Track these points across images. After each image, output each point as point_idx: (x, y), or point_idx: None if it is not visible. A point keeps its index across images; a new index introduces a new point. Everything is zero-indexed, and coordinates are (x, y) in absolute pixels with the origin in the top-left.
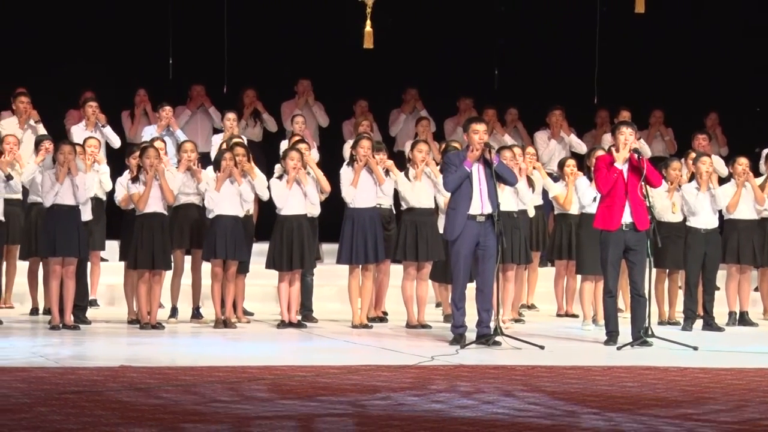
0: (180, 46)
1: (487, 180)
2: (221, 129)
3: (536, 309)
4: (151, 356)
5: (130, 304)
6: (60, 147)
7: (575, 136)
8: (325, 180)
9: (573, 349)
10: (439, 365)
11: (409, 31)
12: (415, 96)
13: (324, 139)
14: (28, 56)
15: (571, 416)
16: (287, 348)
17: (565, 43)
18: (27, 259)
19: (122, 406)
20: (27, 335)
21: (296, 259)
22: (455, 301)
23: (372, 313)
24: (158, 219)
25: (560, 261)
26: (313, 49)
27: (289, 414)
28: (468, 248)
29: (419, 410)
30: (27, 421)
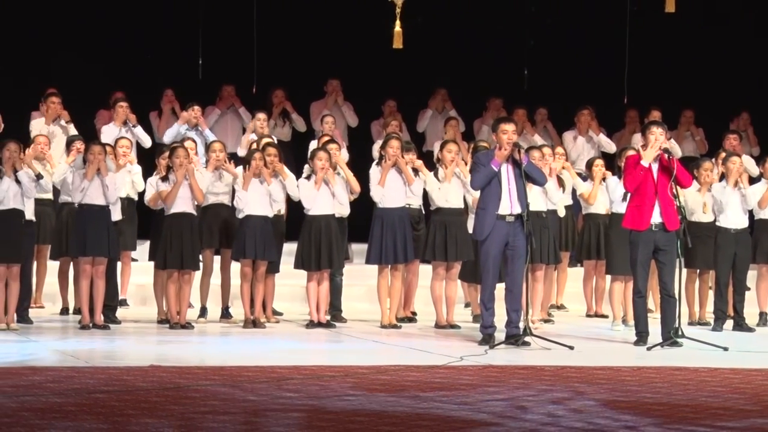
0: (210, 46)
1: (516, 180)
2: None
3: (565, 309)
4: (181, 356)
5: (159, 304)
6: (90, 147)
7: (604, 136)
8: (355, 180)
9: (602, 349)
10: (468, 365)
11: (438, 31)
12: (444, 96)
13: (353, 139)
14: (59, 57)
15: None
16: (316, 348)
17: (595, 43)
18: (57, 259)
19: (152, 406)
20: (57, 335)
21: (324, 259)
22: (484, 301)
23: (401, 313)
24: (187, 219)
25: (589, 261)
26: (343, 48)
27: (317, 413)
28: (497, 248)
29: (448, 410)
30: (58, 420)
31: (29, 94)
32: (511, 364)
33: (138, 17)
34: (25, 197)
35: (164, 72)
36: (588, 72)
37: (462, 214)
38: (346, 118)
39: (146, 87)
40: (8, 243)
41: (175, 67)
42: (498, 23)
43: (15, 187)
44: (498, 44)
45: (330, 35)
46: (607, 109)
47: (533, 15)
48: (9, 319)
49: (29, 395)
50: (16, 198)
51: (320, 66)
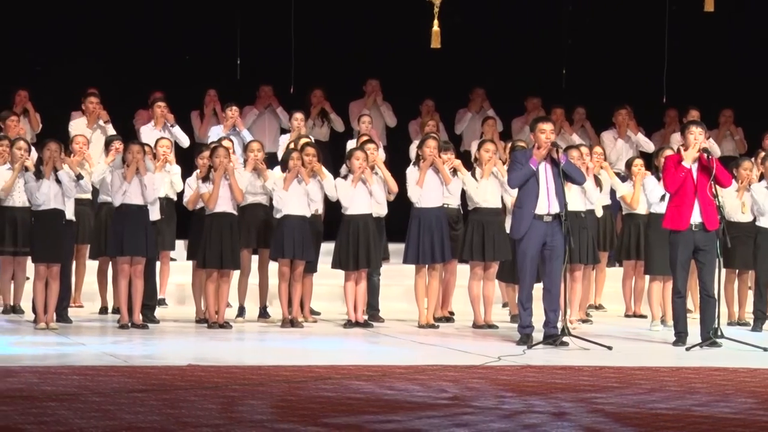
0: (248, 46)
1: (554, 179)
2: (289, 129)
3: (604, 309)
4: (219, 355)
5: (198, 303)
6: (129, 147)
7: (642, 135)
8: (393, 180)
9: (641, 349)
10: (506, 365)
11: (476, 31)
12: (482, 95)
13: (391, 139)
14: (99, 57)
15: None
16: (354, 348)
17: (633, 42)
18: (96, 258)
19: (190, 405)
20: (96, 334)
21: (362, 259)
22: (522, 301)
23: (438, 313)
24: (227, 218)
25: (628, 261)
26: (381, 48)
27: (355, 413)
28: (535, 248)
29: (486, 410)
30: (96, 419)
31: (69, 94)
32: (549, 364)
33: (176, 17)
34: (66, 197)
35: (202, 72)
36: (626, 71)
37: (500, 214)
38: (385, 117)
39: (185, 87)
40: (49, 243)
41: (214, 67)
42: (536, 22)
43: (55, 188)
44: (536, 43)
45: (368, 35)
46: (645, 109)
47: (571, 14)
48: (48, 318)
49: (68, 394)
50: (57, 198)
51: (359, 66)
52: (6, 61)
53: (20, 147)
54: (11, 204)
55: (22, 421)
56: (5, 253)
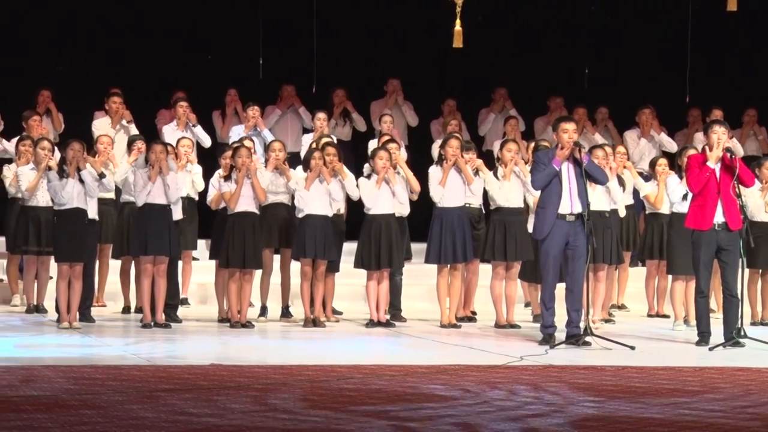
0: (270, 46)
1: (576, 179)
2: (311, 129)
3: (627, 309)
4: (241, 355)
5: (220, 302)
6: (152, 147)
7: (665, 135)
8: (415, 180)
9: (664, 349)
10: (528, 365)
11: (498, 30)
12: (505, 95)
13: (412, 139)
14: (121, 57)
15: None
16: (376, 347)
17: (656, 42)
18: (119, 258)
19: (213, 404)
20: (119, 333)
21: (384, 259)
22: (545, 300)
23: (461, 312)
24: (250, 218)
25: (651, 261)
26: (403, 48)
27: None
28: (557, 248)
29: (508, 410)
30: (119, 418)
31: (92, 93)
32: (571, 364)
33: (199, 17)
34: (89, 197)
35: (225, 72)
36: (649, 70)
37: (522, 214)
38: (406, 117)
39: (207, 87)
40: (72, 242)
41: (236, 67)
42: (558, 22)
43: (78, 187)
44: (558, 43)
45: (390, 34)
46: (668, 108)
47: (593, 13)
48: (72, 317)
49: (91, 393)
50: (80, 197)
51: (380, 65)
52: (29, 61)
53: (43, 147)
54: (35, 204)
55: (45, 419)
56: (29, 252)
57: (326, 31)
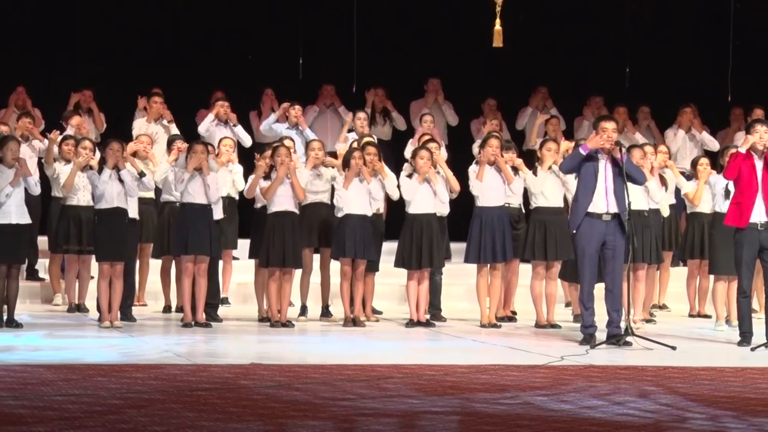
0: (310, 45)
1: (614, 178)
2: (350, 129)
3: (668, 309)
4: (281, 354)
5: (260, 302)
6: (192, 146)
7: (707, 134)
8: (455, 179)
9: (705, 350)
10: (568, 365)
11: (538, 29)
12: (545, 94)
13: (452, 138)
14: (162, 57)
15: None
16: (416, 347)
17: (698, 40)
18: (160, 257)
19: (253, 403)
20: (160, 333)
21: (425, 258)
22: (583, 300)
23: (501, 312)
24: (289, 217)
25: (693, 260)
26: (443, 47)
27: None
28: (593, 247)
29: (548, 410)
30: (160, 417)
31: (132, 93)
32: (612, 364)
33: (239, 17)
34: (129, 196)
35: (265, 71)
36: (691, 69)
37: (562, 213)
38: (446, 116)
39: (247, 86)
40: (112, 241)
41: (276, 67)
42: (599, 20)
43: (118, 186)
44: (599, 42)
45: (430, 34)
46: (710, 107)
47: (634, 12)
48: (113, 316)
49: (132, 392)
50: (120, 197)
51: (420, 65)
52: (71, 62)
53: (85, 146)
54: (75, 203)
55: (87, 418)
56: (70, 251)
57: (366, 31)
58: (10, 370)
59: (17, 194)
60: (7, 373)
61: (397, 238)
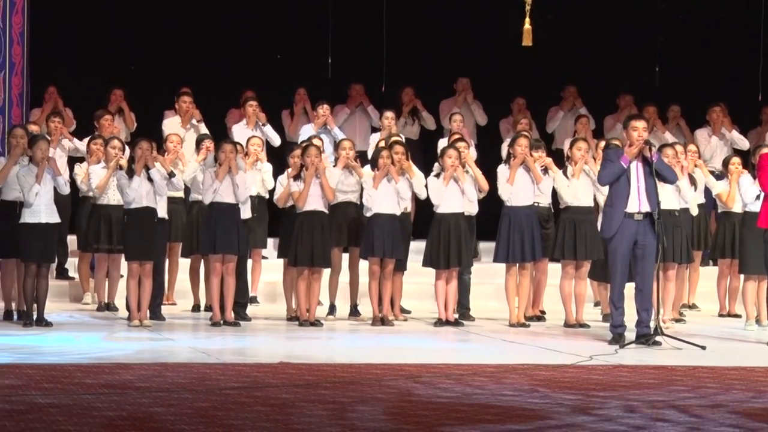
0: (339, 45)
1: (645, 178)
2: (379, 128)
3: (698, 309)
4: (310, 353)
5: (289, 301)
6: (222, 146)
7: (737, 133)
8: (483, 178)
9: (735, 349)
10: (597, 365)
11: (568, 28)
12: (575, 93)
13: (482, 138)
14: (192, 57)
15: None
16: (444, 346)
17: (728, 39)
18: (189, 256)
19: (282, 402)
20: (189, 331)
21: (453, 257)
22: (614, 300)
23: (529, 311)
24: (318, 217)
25: (723, 260)
26: (472, 46)
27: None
28: (626, 247)
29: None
30: (188, 416)
31: (161, 93)
32: (641, 363)
33: (269, 17)
34: (158, 195)
35: (294, 71)
36: (721, 68)
37: (592, 213)
38: (475, 116)
39: (277, 86)
40: (141, 241)
41: (305, 66)
42: (628, 19)
43: (147, 186)
44: (628, 40)
45: (459, 33)
46: (741, 106)
47: (664, 10)
48: (142, 315)
49: (161, 391)
50: (149, 196)
51: (450, 64)
52: (102, 61)
53: (114, 146)
54: (105, 202)
55: (116, 416)
56: (100, 250)
57: (395, 30)
58: (40, 368)
59: (47, 193)
60: (36, 371)
61: (426, 237)
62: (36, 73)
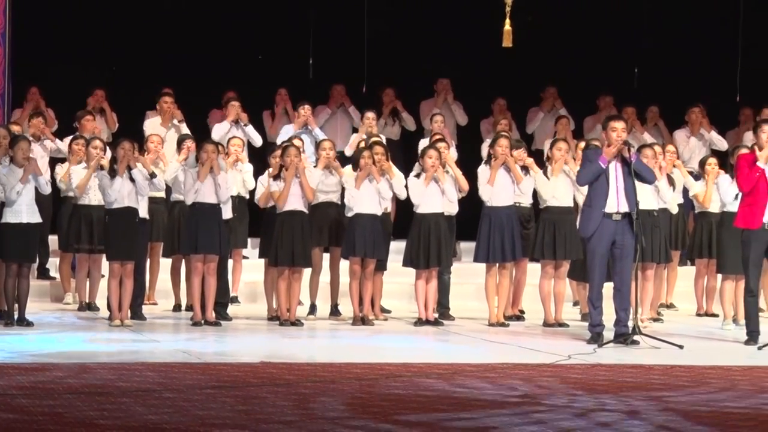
0: (320, 46)
1: (624, 178)
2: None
3: (675, 308)
4: (291, 353)
5: (269, 301)
6: (203, 146)
7: (716, 133)
8: (464, 179)
9: (713, 348)
10: (576, 364)
11: (548, 30)
12: (554, 94)
13: (462, 138)
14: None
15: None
16: (424, 345)
17: (706, 41)
18: (170, 256)
19: (262, 402)
20: (170, 331)
21: (433, 257)
22: (592, 299)
23: (509, 311)
24: (299, 217)
25: (701, 260)
26: (453, 47)
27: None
28: (604, 247)
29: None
30: (169, 415)
31: (143, 93)
32: (619, 363)
33: (250, 18)
34: (139, 195)
35: (275, 71)
36: (699, 70)
37: (571, 213)
38: (456, 116)
39: (258, 87)
40: (123, 241)
41: (287, 67)
42: (608, 21)
43: (129, 186)
44: (608, 42)
45: (440, 34)
46: (719, 108)
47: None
48: (123, 315)
49: (142, 390)
50: (131, 196)
51: (430, 65)
52: (84, 62)
53: (95, 146)
54: (87, 202)
55: (97, 416)
56: (81, 250)
57: (376, 31)
58: (21, 368)
59: (28, 193)
60: (18, 371)
61: (406, 237)
62: (18, 74)
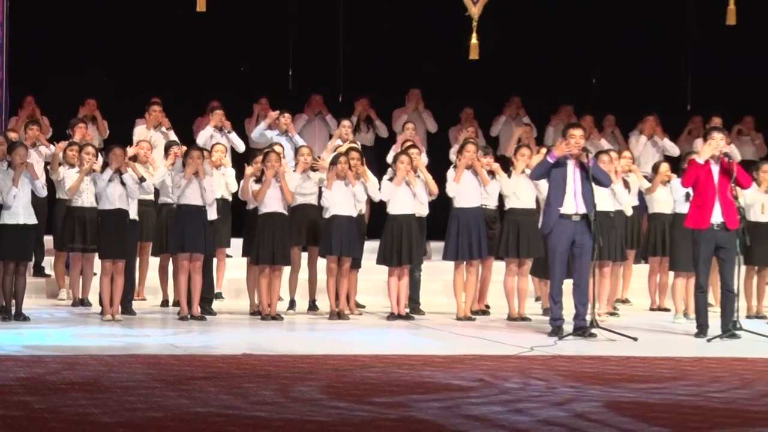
0: (299, 58)
1: (582, 182)
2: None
3: (630, 303)
4: (271, 345)
5: (252, 297)
6: (189, 152)
7: (668, 140)
8: (434, 182)
9: (665, 340)
10: (538, 355)
11: (512, 43)
12: (518, 103)
13: (432, 144)
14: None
15: (664, 404)
16: (396, 338)
17: (659, 54)
18: (158, 255)
19: (245, 392)
20: (158, 325)
21: (405, 256)
22: (553, 295)
23: (475, 306)
24: (279, 218)
25: (654, 258)
26: (423, 60)
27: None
28: (564, 246)
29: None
30: (158, 404)
31: (133, 102)
32: (578, 354)
33: (233, 32)
34: (130, 198)
35: (257, 82)
36: (653, 81)
37: (534, 214)
38: (426, 124)
39: (240, 96)
40: (114, 241)
41: (267, 78)
42: (567, 35)
43: (120, 189)
44: (567, 55)
45: (411, 47)
46: (671, 116)
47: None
48: (114, 310)
49: (132, 381)
50: (122, 199)
51: (402, 76)
52: (77, 72)
53: (88, 152)
54: (80, 204)
55: (89, 406)
56: (75, 249)
57: (352, 45)
58: (18, 360)
59: (24, 196)
60: (15, 363)
61: (379, 237)
62: (15, 84)
